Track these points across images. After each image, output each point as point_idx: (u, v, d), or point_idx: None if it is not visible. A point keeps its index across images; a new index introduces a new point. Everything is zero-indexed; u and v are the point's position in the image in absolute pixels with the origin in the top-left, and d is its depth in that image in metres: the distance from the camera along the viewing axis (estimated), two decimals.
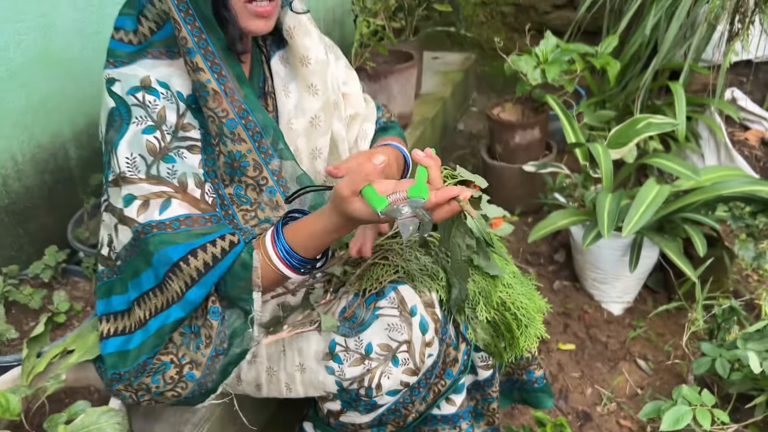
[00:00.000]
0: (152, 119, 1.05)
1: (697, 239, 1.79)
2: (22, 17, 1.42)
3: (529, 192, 2.42)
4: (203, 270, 1.03)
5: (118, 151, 1.04)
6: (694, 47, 2.24)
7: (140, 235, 1.04)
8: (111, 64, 1.08)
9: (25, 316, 1.34)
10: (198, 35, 1.04)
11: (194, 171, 1.07)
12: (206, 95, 1.06)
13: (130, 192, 1.04)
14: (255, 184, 1.14)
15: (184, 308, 1.07)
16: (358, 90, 1.40)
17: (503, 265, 1.25)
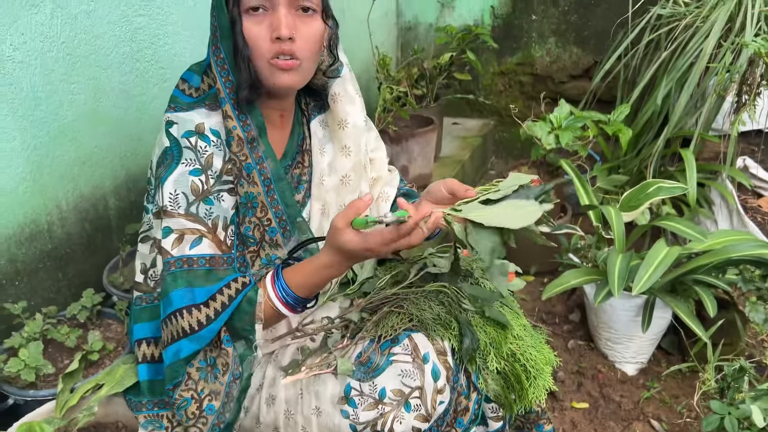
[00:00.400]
0: (200, 163, 1.16)
1: (708, 301, 1.83)
2: (76, 79, 1.56)
3: (545, 252, 2.47)
4: (221, 309, 1.14)
5: (164, 187, 1.15)
6: (704, 117, 2.33)
7: (171, 267, 1.14)
8: (172, 108, 1.20)
9: (61, 354, 1.42)
10: (230, 87, 1.17)
11: (226, 214, 1.19)
12: (231, 140, 1.18)
13: (168, 225, 1.15)
14: (260, 224, 1.24)
15: (199, 342, 1.14)
16: (384, 158, 1.52)
17: (514, 318, 1.31)
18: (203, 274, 1.15)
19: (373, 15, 2.88)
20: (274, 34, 1.13)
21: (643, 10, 2.76)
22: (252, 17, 1.14)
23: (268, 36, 1.14)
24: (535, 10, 3.19)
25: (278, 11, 1.13)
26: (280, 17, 1.13)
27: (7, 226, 1.46)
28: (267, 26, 1.14)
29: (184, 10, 1.87)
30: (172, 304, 1.13)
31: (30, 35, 1.43)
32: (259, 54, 1.15)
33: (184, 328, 1.13)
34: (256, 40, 1.14)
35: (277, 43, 1.14)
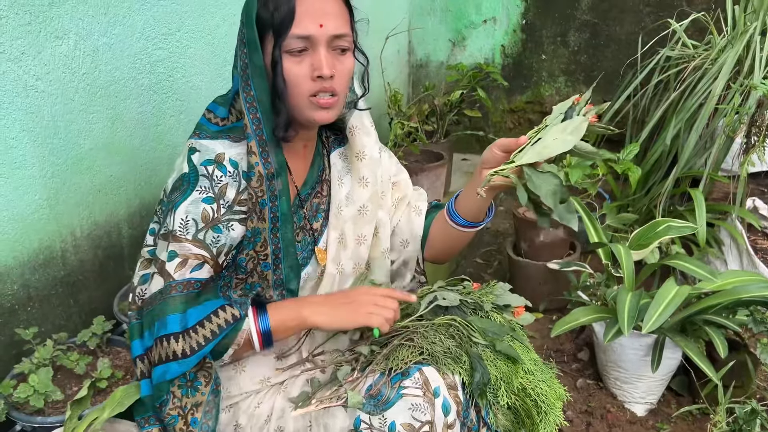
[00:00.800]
0: (213, 192, 1.19)
1: (719, 342, 1.81)
2: (95, 109, 1.60)
3: (554, 289, 2.48)
4: (211, 337, 1.16)
5: (177, 212, 1.18)
6: (713, 157, 2.34)
7: (171, 290, 1.17)
8: (197, 135, 1.24)
9: (70, 381, 1.42)
10: (257, 124, 1.20)
11: (233, 242, 1.22)
12: (252, 175, 1.20)
13: (174, 249, 1.18)
14: (256, 257, 1.27)
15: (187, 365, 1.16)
16: (408, 179, 1.55)
17: (524, 352, 1.31)
18: (195, 296, 1.18)
19: (385, 52, 2.93)
20: (315, 73, 1.17)
21: (652, 51, 2.80)
22: (293, 58, 1.17)
23: (309, 75, 1.18)
24: (545, 50, 3.24)
25: (319, 51, 1.17)
26: (321, 57, 1.17)
27: (23, 252, 1.47)
28: (308, 65, 1.18)
29: (202, 44, 1.91)
30: (166, 327, 1.16)
31: (53, 66, 1.47)
32: (300, 92, 1.19)
33: (175, 353, 1.15)
34: (297, 79, 1.18)
35: (318, 82, 1.19)
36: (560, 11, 3.15)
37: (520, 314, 1.47)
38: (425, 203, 1.53)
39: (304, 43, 1.16)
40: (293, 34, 1.15)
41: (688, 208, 2.50)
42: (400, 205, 1.51)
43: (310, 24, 1.15)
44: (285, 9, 1.14)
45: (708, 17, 2.63)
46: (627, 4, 3.00)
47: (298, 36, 1.15)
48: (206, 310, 1.17)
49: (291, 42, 1.15)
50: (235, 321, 1.18)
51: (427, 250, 1.53)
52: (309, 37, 1.16)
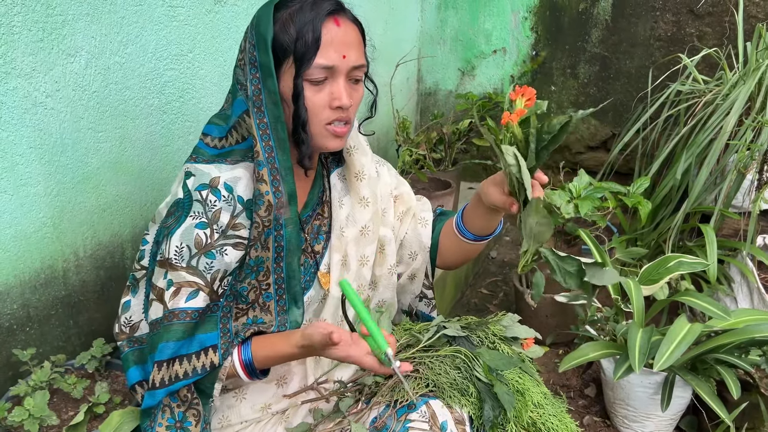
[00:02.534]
0: (207, 217, 1.17)
1: (731, 382, 1.77)
2: (104, 128, 1.58)
3: (561, 322, 2.44)
4: (182, 377, 1.16)
5: (172, 239, 1.17)
6: (724, 193, 2.32)
7: (164, 320, 1.16)
8: (193, 159, 1.22)
9: (66, 405, 1.38)
10: (269, 152, 1.17)
11: (227, 268, 1.19)
12: (261, 204, 1.18)
13: (171, 278, 1.17)
14: (258, 286, 1.24)
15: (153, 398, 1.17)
16: (410, 190, 1.53)
17: (534, 385, 1.27)
18: (192, 327, 1.17)
19: (395, 80, 2.94)
20: (335, 103, 1.17)
21: (662, 85, 2.80)
22: (313, 87, 1.16)
23: (327, 104, 1.18)
24: (555, 81, 3.25)
25: (338, 81, 1.17)
26: (341, 88, 1.17)
27: (24, 272, 1.45)
28: (327, 94, 1.17)
29: (214, 66, 1.90)
30: (156, 356, 1.16)
31: (63, 83, 1.46)
32: (318, 121, 1.18)
33: (150, 382, 1.16)
34: (316, 108, 1.17)
35: (337, 111, 1.18)
36: (570, 43, 3.16)
37: (529, 346, 1.44)
38: (430, 213, 1.52)
39: (325, 73, 1.15)
40: (317, 63, 1.13)
41: (698, 243, 2.47)
42: (405, 218, 1.50)
43: (334, 54, 1.14)
44: (310, 37, 1.12)
45: (720, 53, 2.63)
46: (638, 38, 3.01)
47: (322, 66, 1.14)
48: (193, 347, 1.17)
49: (314, 71, 1.14)
50: (212, 369, 1.17)
51: (439, 260, 1.52)
52: (332, 68, 1.15)
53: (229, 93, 1.26)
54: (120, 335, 1.29)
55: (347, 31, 1.16)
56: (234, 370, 1.19)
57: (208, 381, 1.18)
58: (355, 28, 1.19)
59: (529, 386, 1.27)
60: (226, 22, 1.93)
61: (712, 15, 2.85)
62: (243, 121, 1.20)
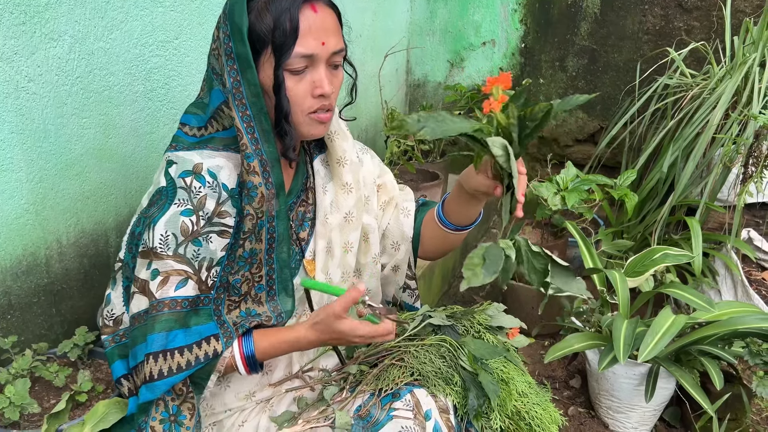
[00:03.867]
0: (192, 203, 1.15)
1: (714, 373, 1.78)
2: (88, 114, 1.56)
3: (546, 314, 2.44)
4: (184, 367, 1.13)
5: (156, 228, 1.14)
6: (709, 187, 2.33)
7: (152, 310, 1.13)
8: (173, 147, 1.20)
9: (48, 393, 1.37)
10: (256, 144, 1.15)
11: (213, 256, 1.17)
12: (254, 196, 1.16)
13: (156, 267, 1.14)
14: (251, 279, 1.23)
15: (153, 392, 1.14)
16: (393, 179, 1.52)
17: (518, 375, 1.27)
18: (183, 316, 1.15)
19: (383, 71, 2.92)
20: (317, 91, 1.15)
21: (650, 79, 2.81)
22: (294, 76, 1.14)
23: (309, 92, 1.16)
24: (543, 74, 3.25)
25: (319, 69, 1.15)
26: (322, 76, 1.15)
27: (5, 258, 1.43)
28: (308, 83, 1.15)
29: (200, 53, 1.88)
30: (147, 347, 1.13)
31: (46, 68, 1.44)
32: (300, 110, 1.17)
33: (147, 374, 1.13)
34: (298, 98, 1.15)
35: (319, 99, 1.17)
36: (559, 36, 3.16)
37: (514, 336, 1.44)
38: (413, 203, 1.51)
39: (305, 62, 1.13)
40: (297, 53, 1.11)
41: (683, 236, 2.49)
42: (388, 208, 1.49)
43: (314, 42, 1.12)
44: (288, 26, 1.09)
45: (707, 47, 2.64)
46: (626, 31, 3.02)
47: (302, 55, 1.12)
48: (194, 337, 1.15)
49: (294, 61, 1.12)
50: (215, 356, 1.16)
51: (421, 250, 1.50)
52: (312, 56, 1.13)
53: (204, 81, 1.22)
54: (104, 329, 1.27)
55: (325, 17, 1.14)
56: (233, 362, 1.18)
57: (204, 373, 1.16)
58: (332, 13, 1.17)
59: (513, 375, 1.27)
60: (213, 9, 1.91)
61: (700, 9, 2.86)
62: (222, 112, 1.18)
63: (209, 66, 1.20)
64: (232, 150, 1.19)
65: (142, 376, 1.14)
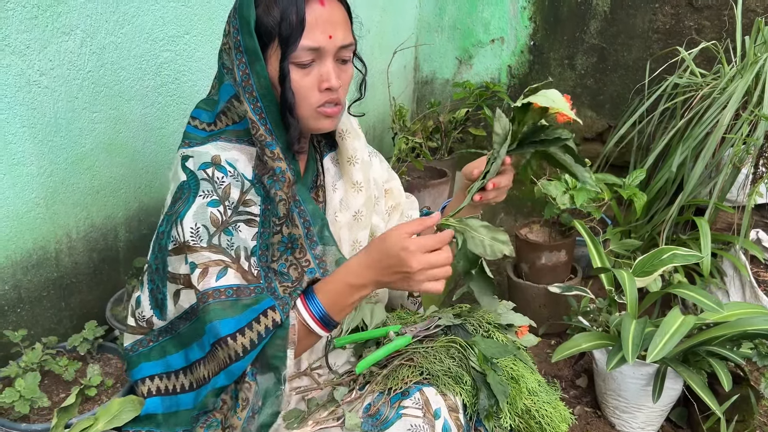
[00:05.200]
0: (217, 194, 1.14)
1: (723, 374, 1.77)
2: (99, 108, 1.56)
3: (554, 313, 2.44)
4: (249, 347, 1.09)
5: (184, 222, 1.12)
6: (719, 187, 2.32)
7: (199, 303, 1.11)
8: (186, 144, 1.20)
9: (57, 387, 1.37)
10: (271, 135, 1.16)
11: (246, 245, 1.16)
12: (284, 181, 1.16)
13: (192, 260, 1.12)
14: (297, 264, 1.22)
15: (228, 377, 1.12)
16: (400, 186, 1.53)
17: (529, 373, 1.27)
18: (231, 304, 1.11)
19: (392, 68, 2.92)
20: (324, 85, 1.15)
21: (659, 78, 2.79)
22: (300, 69, 1.14)
23: (316, 86, 1.15)
24: (552, 72, 3.23)
25: (326, 63, 1.15)
26: (329, 69, 1.15)
27: (16, 252, 1.43)
28: (315, 77, 1.15)
29: (210, 48, 1.88)
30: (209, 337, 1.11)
31: (58, 62, 1.44)
32: (307, 104, 1.16)
33: (223, 360, 1.10)
34: (305, 91, 1.15)
35: (326, 93, 1.16)
36: (569, 34, 3.15)
37: (523, 334, 1.44)
38: (416, 211, 1.52)
39: (312, 55, 1.13)
40: (303, 45, 1.11)
41: (692, 236, 2.47)
42: (394, 214, 1.49)
43: (321, 35, 1.12)
44: (294, 19, 1.09)
45: (718, 46, 2.62)
46: (635, 30, 3.00)
47: (308, 48, 1.11)
48: (250, 314, 1.11)
49: (300, 54, 1.12)
50: (275, 327, 1.11)
51: None
52: (319, 49, 1.13)
53: (215, 79, 1.24)
54: (136, 329, 1.24)
55: (332, 10, 1.14)
56: (304, 324, 1.14)
57: (276, 349, 1.12)
58: (341, 6, 1.17)
59: (523, 373, 1.27)
60: (223, 4, 1.91)
61: (711, 8, 2.84)
62: (232, 106, 1.18)
63: (220, 62, 1.20)
64: (245, 142, 1.20)
65: (212, 366, 1.12)
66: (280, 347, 1.12)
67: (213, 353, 1.12)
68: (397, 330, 1.30)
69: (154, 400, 1.20)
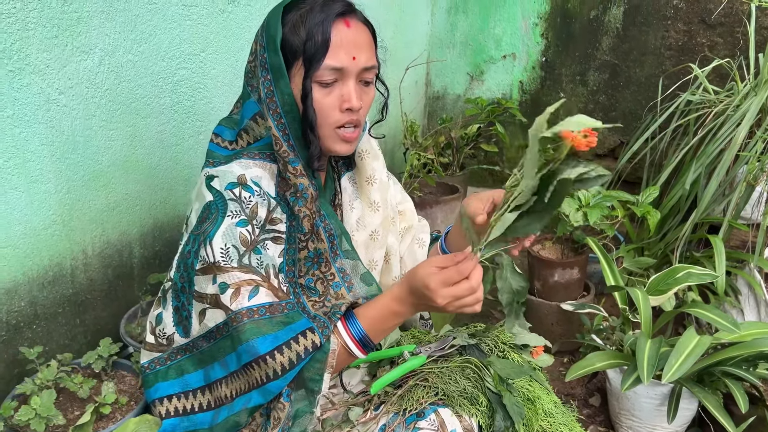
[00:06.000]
0: (245, 213, 1.15)
1: (739, 395, 1.76)
2: (115, 125, 1.58)
3: (566, 330, 2.43)
4: (287, 367, 1.10)
5: (214, 242, 1.13)
6: (733, 204, 2.31)
7: (232, 322, 1.11)
8: (210, 163, 1.21)
9: (72, 404, 1.37)
10: (293, 152, 1.17)
11: (273, 262, 1.17)
12: (307, 197, 1.18)
13: (223, 281, 1.12)
14: (323, 278, 1.24)
15: (264, 396, 1.12)
16: (413, 208, 1.54)
17: (545, 395, 1.26)
18: (265, 322, 1.11)
19: (404, 83, 2.93)
20: (345, 105, 1.16)
21: (672, 95, 2.79)
22: (322, 89, 1.15)
23: (337, 106, 1.16)
24: (564, 88, 3.24)
25: (348, 83, 1.16)
26: (351, 90, 1.16)
27: (32, 268, 1.44)
28: (336, 97, 1.16)
29: (226, 66, 1.90)
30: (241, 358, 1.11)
31: (77, 80, 1.45)
32: (327, 123, 1.17)
33: (258, 379, 1.11)
34: (326, 110, 1.16)
35: (346, 114, 1.17)
36: (581, 51, 3.15)
37: (538, 354, 1.43)
38: (428, 235, 1.53)
39: (335, 74, 1.14)
40: (327, 65, 1.12)
41: (705, 254, 2.46)
42: (406, 236, 1.50)
43: (344, 56, 1.13)
44: (319, 39, 1.11)
45: (732, 63, 2.62)
46: (648, 47, 3.00)
47: (331, 67, 1.13)
48: (289, 334, 1.11)
49: (323, 73, 1.13)
50: (314, 349, 1.12)
51: None
52: (342, 69, 1.14)
53: (239, 99, 1.25)
54: (157, 347, 1.25)
55: (358, 33, 1.15)
56: (345, 347, 1.15)
57: (315, 372, 1.12)
58: (366, 30, 1.18)
59: (539, 394, 1.27)
60: (238, 23, 1.92)
61: (724, 25, 2.84)
62: (255, 123, 1.20)
63: (245, 81, 1.22)
64: (268, 159, 1.21)
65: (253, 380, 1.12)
66: (318, 370, 1.12)
67: (245, 372, 1.12)
68: (412, 350, 1.30)
69: (171, 421, 1.20)
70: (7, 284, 1.39)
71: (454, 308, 1.11)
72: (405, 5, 3.07)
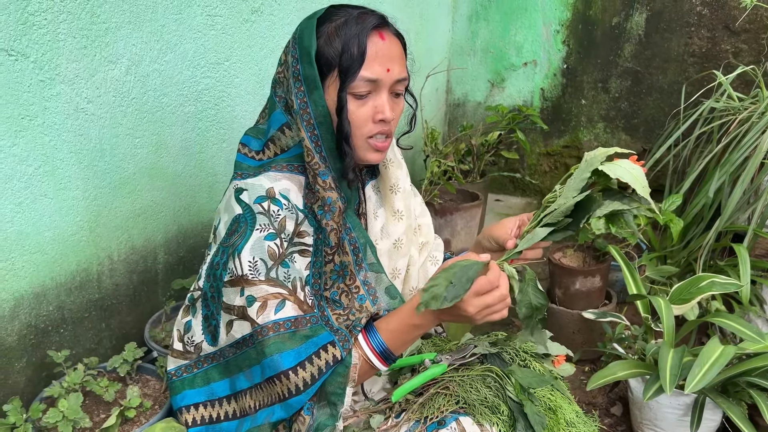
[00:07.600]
0: (274, 227, 1.16)
1: (764, 406, 1.73)
2: (141, 133, 1.60)
3: (587, 339, 2.41)
4: (309, 382, 1.11)
5: (242, 255, 1.14)
6: (758, 213, 2.28)
7: (258, 335, 1.13)
8: (239, 176, 1.22)
9: (98, 407, 1.40)
10: (324, 162, 1.18)
11: (300, 275, 1.18)
12: (335, 211, 1.19)
13: (251, 294, 1.14)
14: (348, 291, 1.25)
15: (287, 411, 1.13)
16: (431, 223, 1.55)
17: (566, 404, 1.26)
18: (289, 336, 1.13)
19: (424, 90, 2.94)
20: (378, 116, 1.18)
21: (696, 102, 2.77)
22: (357, 101, 1.17)
23: (370, 117, 1.18)
24: (585, 95, 3.23)
25: (381, 96, 1.18)
26: (384, 101, 1.18)
27: (60, 273, 1.47)
28: (370, 108, 1.18)
29: (249, 74, 1.92)
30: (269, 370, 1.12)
31: (104, 89, 1.48)
32: (360, 134, 1.19)
33: (280, 393, 1.12)
34: (360, 121, 1.18)
35: (379, 124, 1.19)
36: (602, 57, 3.14)
37: (560, 363, 1.43)
38: (441, 254, 1.54)
39: (370, 86, 1.16)
40: (362, 77, 1.14)
41: (729, 263, 2.43)
42: (423, 251, 1.51)
43: (379, 68, 1.15)
44: (356, 51, 1.13)
45: (756, 70, 2.59)
46: (671, 53, 2.98)
47: (367, 79, 1.15)
48: (311, 348, 1.12)
49: (359, 84, 1.15)
50: (335, 363, 1.13)
51: None
52: (376, 81, 1.16)
53: (265, 108, 1.27)
54: (185, 354, 1.26)
55: (391, 45, 1.17)
56: (366, 360, 1.16)
57: (337, 386, 1.13)
58: (398, 42, 1.20)
59: (561, 404, 1.26)
60: (262, 32, 1.95)
61: (749, 32, 2.81)
62: (282, 134, 1.21)
63: (272, 92, 1.23)
64: (296, 171, 1.22)
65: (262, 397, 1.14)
66: (340, 384, 1.13)
67: (268, 385, 1.14)
68: (433, 357, 1.30)
69: (197, 429, 1.21)
70: (36, 289, 1.42)
71: (482, 317, 1.13)
72: (426, 13, 3.08)
